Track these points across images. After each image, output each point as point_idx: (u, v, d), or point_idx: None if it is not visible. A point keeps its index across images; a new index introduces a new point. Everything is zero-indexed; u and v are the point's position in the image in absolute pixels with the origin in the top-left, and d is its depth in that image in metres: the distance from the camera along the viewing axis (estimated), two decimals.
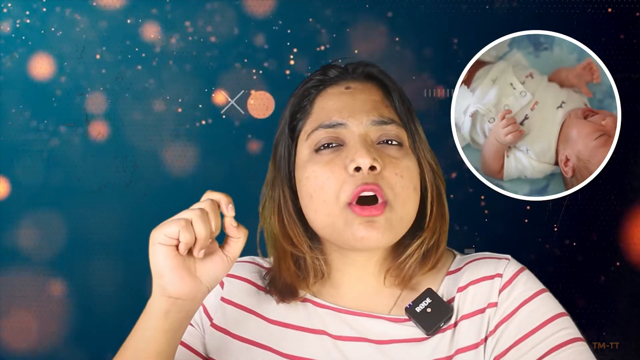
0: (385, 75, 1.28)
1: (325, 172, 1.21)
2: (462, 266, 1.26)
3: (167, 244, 1.12)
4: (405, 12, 2.11)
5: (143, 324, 1.15)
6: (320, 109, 1.26)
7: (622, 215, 2.10)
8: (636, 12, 2.07)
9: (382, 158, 1.20)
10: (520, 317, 1.18)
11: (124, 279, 2.10)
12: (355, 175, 1.19)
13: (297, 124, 1.27)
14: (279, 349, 1.24)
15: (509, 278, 1.21)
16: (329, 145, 1.23)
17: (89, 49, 2.08)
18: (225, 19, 2.08)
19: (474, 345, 1.19)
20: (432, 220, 1.24)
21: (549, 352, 1.16)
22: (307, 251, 1.25)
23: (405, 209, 1.21)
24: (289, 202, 1.26)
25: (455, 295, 1.23)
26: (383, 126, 1.23)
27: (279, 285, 1.27)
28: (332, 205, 1.20)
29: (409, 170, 1.22)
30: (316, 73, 1.29)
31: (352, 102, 1.24)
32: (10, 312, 2.10)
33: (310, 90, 1.28)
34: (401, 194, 1.20)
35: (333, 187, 1.20)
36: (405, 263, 1.24)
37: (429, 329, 1.20)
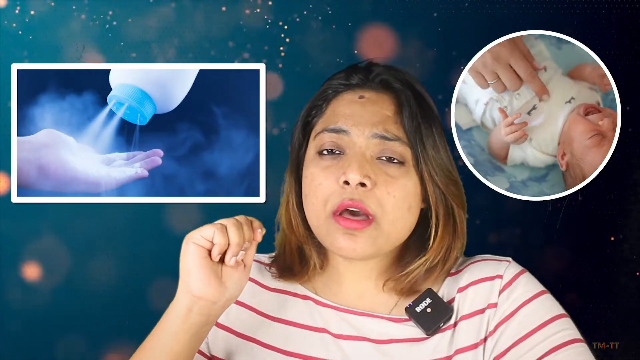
0: (404, 86, 1.26)
1: (319, 178, 1.22)
2: (462, 268, 1.26)
3: (201, 244, 1.14)
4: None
5: (164, 323, 1.17)
6: (331, 111, 1.26)
7: (622, 215, 2.10)
8: (637, 12, 2.07)
9: (377, 175, 1.20)
10: (520, 318, 1.19)
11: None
12: (345, 189, 1.20)
13: (312, 120, 1.28)
14: (282, 347, 1.25)
15: (509, 279, 1.22)
16: (332, 151, 1.23)
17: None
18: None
19: (474, 345, 1.19)
20: (436, 240, 1.24)
21: (548, 352, 1.16)
22: (304, 241, 1.27)
23: (394, 227, 1.21)
24: (294, 192, 1.28)
25: (455, 295, 1.23)
26: (385, 142, 1.22)
27: (281, 263, 1.30)
28: (320, 211, 1.22)
29: (404, 189, 1.21)
30: (340, 73, 1.30)
31: (361, 112, 1.24)
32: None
33: (328, 90, 1.28)
34: (391, 212, 1.20)
35: (323, 194, 1.21)
36: (405, 277, 1.24)
37: (428, 329, 1.20)
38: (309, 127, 1.28)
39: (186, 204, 2.10)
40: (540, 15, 2.06)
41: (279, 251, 1.31)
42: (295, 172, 1.29)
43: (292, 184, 1.29)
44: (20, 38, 2.09)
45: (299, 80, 2.09)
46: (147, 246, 2.11)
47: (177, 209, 2.10)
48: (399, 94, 1.25)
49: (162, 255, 2.10)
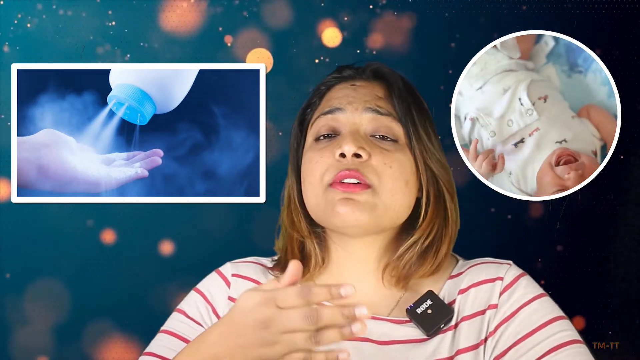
0: (394, 75, 1.30)
1: (316, 157, 1.25)
2: (463, 270, 1.27)
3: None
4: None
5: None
6: (325, 101, 1.30)
7: (622, 215, 2.10)
8: (637, 12, 2.07)
9: (373, 148, 1.23)
10: (519, 319, 1.19)
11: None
12: (341, 161, 1.22)
13: (307, 118, 1.32)
14: None
15: (509, 281, 1.23)
16: (328, 135, 1.26)
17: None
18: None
19: (474, 346, 1.19)
20: (425, 221, 1.26)
21: (547, 352, 1.17)
22: (306, 236, 1.28)
23: (393, 199, 1.23)
24: (295, 189, 1.30)
25: (457, 297, 1.24)
26: (378, 116, 1.25)
27: (282, 264, 1.30)
28: (318, 187, 1.23)
29: (400, 162, 1.24)
30: (332, 73, 1.34)
31: (353, 93, 1.28)
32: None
33: (321, 87, 1.33)
34: (388, 182, 1.22)
35: (320, 170, 1.24)
36: (400, 260, 1.25)
37: (429, 330, 1.21)
38: (306, 124, 1.32)
39: (186, 204, 2.10)
40: (540, 15, 2.06)
41: (280, 254, 1.32)
42: (295, 171, 1.30)
43: (294, 182, 1.30)
44: (20, 38, 2.09)
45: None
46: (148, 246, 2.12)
47: (177, 209, 2.10)
48: (389, 80, 1.29)
49: (162, 255, 2.11)
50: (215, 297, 1.29)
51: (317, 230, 1.29)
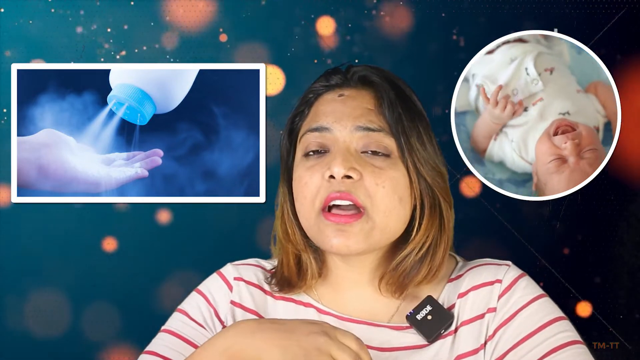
0: (383, 80, 1.26)
1: (305, 177, 1.22)
2: (462, 273, 1.26)
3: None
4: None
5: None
6: (313, 113, 1.26)
7: (621, 215, 2.10)
8: (637, 12, 2.06)
9: (364, 167, 1.20)
10: (518, 321, 1.19)
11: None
12: (331, 182, 1.20)
13: (296, 127, 1.28)
14: None
15: (508, 284, 1.22)
16: (317, 151, 1.23)
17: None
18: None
19: (474, 350, 1.19)
20: (419, 234, 1.23)
21: (547, 354, 1.16)
22: (302, 249, 1.27)
23: (388, 219, 1.21)
24: (288, 201, 1.28)
25: (456, 301, 1.23)
26: (369, 133, 1.22)
27: (279, 277, 1.28)
28: (310, 211, 1.22)
29: (392, 180, 1.21)
30: (319, 78, 1.30)
31: (341, 108, 1.24)
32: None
33: (309, 94, 1.29)
34: (381, 204, 1.20)
35: (310, 192, 1.21)
36: (395, 271, 1.24)
37: (429, 336, 1.20)
38: (295, 133, 1.28)
39: (186, 204, 2.10)
40: (540, 15, 2.06)
41: (277, 266, 1.30)
42: (287, 181, 1.28)
43: (286, 193, 1.28)
44: (20, 38, 2.09)
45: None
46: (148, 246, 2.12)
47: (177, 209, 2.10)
48: (377, 88, 1.25)
49: (162, 255, 2.11)
50: (217, 300, 1.28)
51: (312, 243, 1.26)
